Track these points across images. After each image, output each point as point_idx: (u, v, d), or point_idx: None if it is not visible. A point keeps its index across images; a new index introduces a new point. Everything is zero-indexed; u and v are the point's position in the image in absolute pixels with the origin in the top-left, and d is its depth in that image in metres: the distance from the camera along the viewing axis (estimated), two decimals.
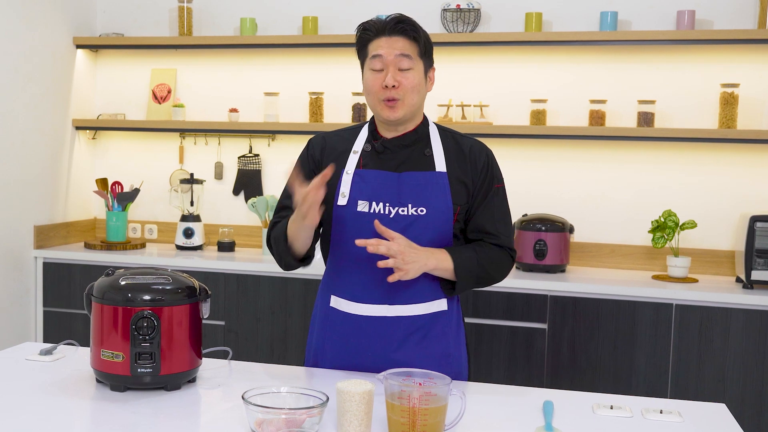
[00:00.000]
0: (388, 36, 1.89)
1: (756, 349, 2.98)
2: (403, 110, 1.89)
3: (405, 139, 1.95)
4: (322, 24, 3.80)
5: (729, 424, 1.65)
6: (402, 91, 1.87)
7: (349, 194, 1.90)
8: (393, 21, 1.89)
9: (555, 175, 3.64)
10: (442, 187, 1.90)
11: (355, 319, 1.92)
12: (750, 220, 3.16)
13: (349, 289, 1.94)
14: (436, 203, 1.89)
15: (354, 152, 1.96)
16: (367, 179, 1.91)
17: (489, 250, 1.95)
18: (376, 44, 1.89)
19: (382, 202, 1.89)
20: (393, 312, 1.90)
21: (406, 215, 1.88)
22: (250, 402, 1.47)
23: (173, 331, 1.73)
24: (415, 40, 1.89)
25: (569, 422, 1.62)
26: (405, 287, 1.90)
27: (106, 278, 1.77)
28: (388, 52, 1.87)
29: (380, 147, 1.94)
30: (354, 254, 1.90)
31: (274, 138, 3.93)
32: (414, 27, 1.91)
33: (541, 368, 3.15)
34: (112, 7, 4.10)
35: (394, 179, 1.90)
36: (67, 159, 3.94)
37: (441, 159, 1.93)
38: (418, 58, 1.90)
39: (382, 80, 1.87)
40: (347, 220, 1.90)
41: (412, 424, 1.44)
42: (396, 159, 1.93)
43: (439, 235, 1.90)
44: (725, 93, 3.35)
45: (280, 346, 3.40)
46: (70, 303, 3.62)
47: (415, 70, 1.89)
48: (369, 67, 1.91)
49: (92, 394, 1.72)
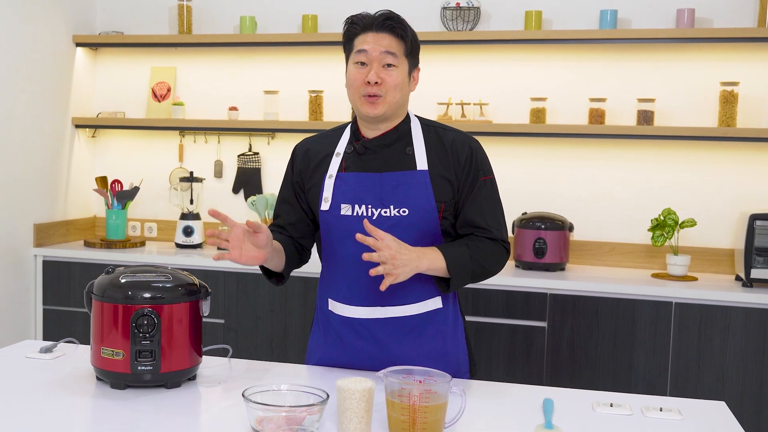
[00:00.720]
0: (375, 32, 1.87)
1: (755, 347, 2.98)
2: (384, 107, 1.87)
3: (386, 138, 1.92)
4: (321, 22, 3.80)
5: (729, 422, 1.65)
6: (384, 88, 1.86)
7: (332, 198, 1.90)
8: (381, 17, 1.88)
9: (555, 174, 3.64)
10: (423, 186, 1.87)
11: (350, 321, 1.92)
12: (749, 219, 3.16)
13: (341, 292, 1.93)
14: (418, 202, 1.87)
15: (336, 155, 1.94)
16: (348, 182, 1.90)
17: (481, 243, 1.91)
18: (362, 39, 1.89)
19: (364, 205, 1.88)
20: (386, 314, 1.90)
21: (389, 216, 1.87)
22: (250, 400, 1.47)
23: (173, 329, 1.73)
24: (401, 38, 1.87)
25: (569, 420, 1.62)
26: (397, 288, 1.88)
27: (107, 276, 1.77)
28: (374, 48, 1.86)
29: (361, 148, 1.92)
30: (343, 258, 1.91)
31: (274, 136, 3.93)
32: (402, 25, 1.89)
33: (541, 366, 3.16)
34: (112, 6, 4.10)
35: (375, 180, 1.88)
36: (66, 157, 3.94)
37: (422, 156, 1.90)
38: (403, 56, 1.88)
39: (365, 75, 1.86)
40: (332, 224, 1.90)
41: (412, 421, 1.44)
42: (377, 159, 1.91)
43: (424, 234, 1.89)
44: (725, 91, 3.36)
45: (280, 345, 3.40)
46: (70, 301, 3.63)
47: (400, 68, 1.87)
48: (353, 61, 1.90)
49: (92, 392, 1.72)
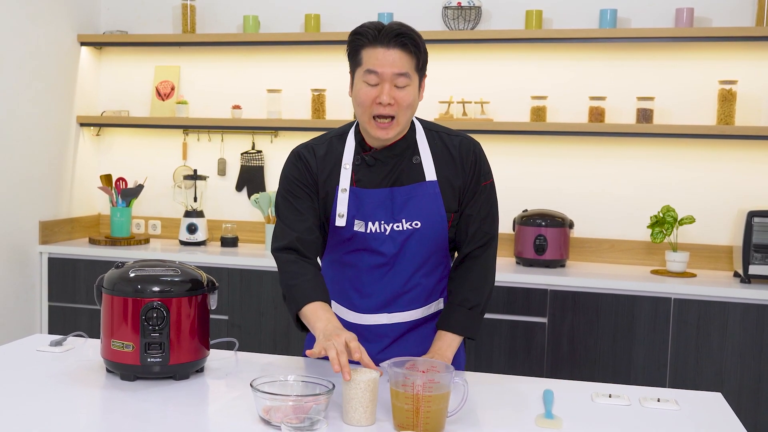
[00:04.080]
0: (386, 48, 1.76)
1: (753, 342, 3.02)
2: (396, 130, 1.82)
3: (395, 149, 1.88)
4: (324, 21, 3.83)
5: (725, 412, 1.69)
6: (397, 108, 1.78)
7: (347, 214, 1.87)
8: (392, 33, 1.76)
9: (555, 171, 3.68)
10: (433, 197, 1.87)
11: (352, 325, 1.94)
12: (747, 215, 3.20)
13: (347, 297, 1.95)
14: (429, 214, 1.87)
15: (345, 168, 1.88)
16: (361, 198, 1.87)
17: (471, 279, 1.91)
18: (371, 54, 1.77)
19: (377, 221, 1.87)
20: (392, 320, 1.94)
21: (401, 230, 1.86)
22: (258, 389, 1.51)
23: (182, 322, 1.77)
24: (413, 54, 1.78)
25: (569, 410, 1.65)
26: (402, 297, 1.92)
27: (116, 270, 1.81)
28: (385, 69, 1.76)
29: (371, 159, 1.88)
30: (351, 267, 1.92)
31: (277, 134, 3.96)
32: (414, 41, 1.77)
33: (541, 362, 3.19)
34: (117, 5, 4.13)
35: (387, 195, 1.87)
36: (71, 155, 3.98)
37: (430, 165, 1.88)
38: (414, 72, 1.79)
39: (376, 95, 1.78)
40: (344, 237, 1.90)
41: (415, 410, 1.47)
42: (387, 171, 1.88)
43: (436, 245, 1.90)
44: (723, 90, 3.39)
45: (283, 340, 3.44)
46: (75, 298, 3.66)
47: (412, 86, 1.79)
48: (362, 80, 1.80)
49: (103, 383, 1.76)
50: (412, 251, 1.87)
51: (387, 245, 1.87)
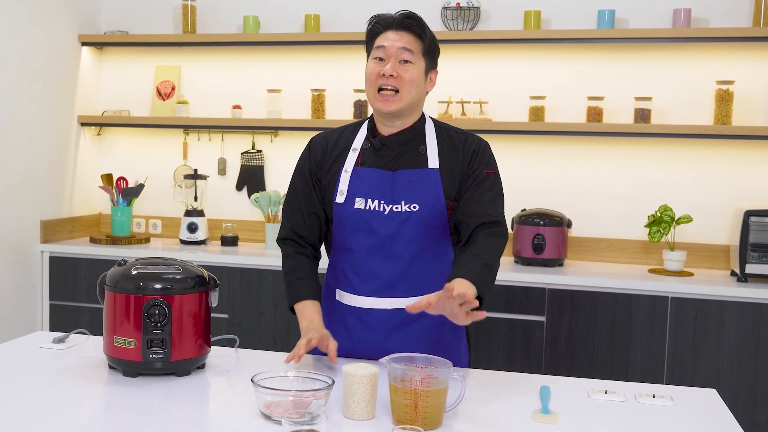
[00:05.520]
0: (395, 30, 1.95)
1: (749, 341, 3.04)
2: (398, 104, 1.93)
3: (402, 136, 1.99)
4: (324, 22, 3.85)
5: (719, 408, 1.71)
6: (400, 81, 1.92)
7: (347, 191, 1.96)
8: (401, 17, 1.96)
9: (553, 171, 3.70)
10: (433, 183, 1.94)
11: (357, 310, 1.98)
12: (744, 215, 3.22)
13: (350, 282, 1.99)
14: (428, 199, 1.93)
15: (353, 150, 2.01)
16: (363, 177, 1.97)
17: (485, 245, 1.89)
18: (383, 37, 1.96)
19: (377, 200, 1.95)
20: (393, 304, 1.96)
21: (399, 212, 1.94)
22: (259, 385, 1.53)
23: (183, 319, 1.79)
24: (419, 36, 1.95)
25: (565, 406, 1.68)
26: (404, 280, 1.95)
27: (119, 268, 1.83)
28: (392, 44, 1.93)
29: (378, 144, 1.99)
30: (352, 249, 1.97)
31: (277, 134, 3.98)
32: (420, 25, 1.97)
33: (539, 360, 3.21)
34: (117, 5, 4.15)
35: (388, 177, 1.96)
36: (72, 155, 4.00)
37: (434, 155, 1.97)
38: (420, 55, 1.95)
39: (381, 69, 1.92)
40: (344, 216, 1.97)
41: (414, 405, 1.49)
42: (392, 156, 1.98)
43: (433, 229, 1.95)
44: (720, 90, 3.41)
45: (283, 338, 3.46)
46: (76, 296, 3.68)
47: (416, 65, 1.94)
48: (372, 56, 1.97)
49: (105, 379, 1.78)
50: (410, 234, 1.93)
51: (384, 225, 1.93)
